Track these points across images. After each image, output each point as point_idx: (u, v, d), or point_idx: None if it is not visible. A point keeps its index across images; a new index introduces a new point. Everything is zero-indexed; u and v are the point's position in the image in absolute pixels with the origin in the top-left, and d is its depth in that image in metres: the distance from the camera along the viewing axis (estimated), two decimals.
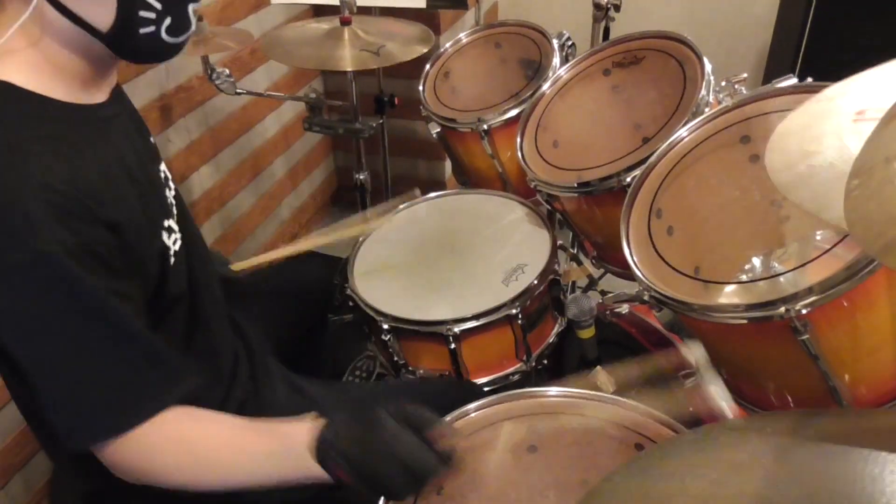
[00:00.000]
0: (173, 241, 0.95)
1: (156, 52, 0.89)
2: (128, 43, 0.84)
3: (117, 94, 0.95)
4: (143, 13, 0.82)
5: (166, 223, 0.94)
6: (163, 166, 1.02)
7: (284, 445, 0.86)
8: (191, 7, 0.87)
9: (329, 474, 0.82)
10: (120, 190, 0.86)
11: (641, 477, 0.63)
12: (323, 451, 0.82)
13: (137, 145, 0.96)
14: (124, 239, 0.84)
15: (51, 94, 0.82)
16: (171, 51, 0.89)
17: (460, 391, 1.28)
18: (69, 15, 0.80)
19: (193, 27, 0.89)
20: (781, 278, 0.99)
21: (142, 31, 0.83)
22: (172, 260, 0.94)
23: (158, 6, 0.83)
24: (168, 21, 0.85)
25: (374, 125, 1.79)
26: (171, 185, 1.02)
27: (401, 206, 1.58)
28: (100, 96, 0.90)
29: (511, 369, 1.36)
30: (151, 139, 1.04)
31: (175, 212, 0.99)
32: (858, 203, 0.54)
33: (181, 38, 0.88)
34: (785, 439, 0.63)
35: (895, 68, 0.80)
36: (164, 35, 0.86)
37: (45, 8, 0.79)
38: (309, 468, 0.83)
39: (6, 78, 0.79)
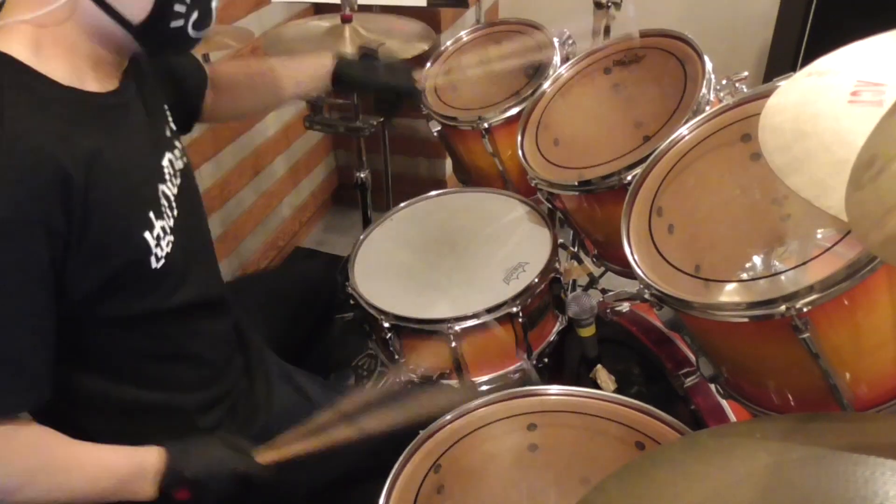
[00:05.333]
0: (165, 244, 0.92)
1: (177, 46, 0.91)
2: (156, 36, 0.86)
3: (128, 84, 0.94)
4: (177, 6, 0.84)
5: (156, 224, 0.91)
6: (166, 161, 0.99)
7: (135, 470, 0.90)
8: (214, 2, 0.89)
9: (169, 496, 0.91)
10: (103, 182, 0.83)
11: (633, 485, 0.63)
12: (170, 477, 0.90)
13: (144, 136, 0.95)
14: (91, 228, 0.82)
15: (52, 76, 0.82)
16: (189, 45, 0.91)
17: (460, 397, 1.27)
18: (103, 5, 0.81)
19: (214, 23, 0.91)
20: (782, 276, 0.99)
21: (172, 24, 0.85)
22: (160, 263, 0.91)
23: (188, 0, 0.85)
24: (195, 15, 0.87)
25: (375, 123, 1.79)
26: (173, 183, 0.99)
27: (402, 205, 1.59)
28: (108, 84, 0.90)
29: (512, 367, 1.36)
30: (167, 129, 1.03)
31: (172, 214, 0.96)
32: (859, 195, 0.54)
33: (202, 33, 0.90)
34: (775, 444, 0.63)
35: (883, 41, 0.80)
36: (189, 29, 0.88)
37: None
38: (144, 491, 0.90)
39: (8, 51, 0.79)
